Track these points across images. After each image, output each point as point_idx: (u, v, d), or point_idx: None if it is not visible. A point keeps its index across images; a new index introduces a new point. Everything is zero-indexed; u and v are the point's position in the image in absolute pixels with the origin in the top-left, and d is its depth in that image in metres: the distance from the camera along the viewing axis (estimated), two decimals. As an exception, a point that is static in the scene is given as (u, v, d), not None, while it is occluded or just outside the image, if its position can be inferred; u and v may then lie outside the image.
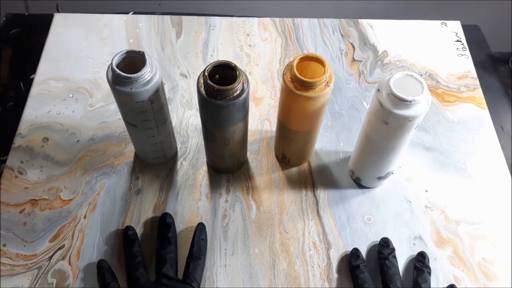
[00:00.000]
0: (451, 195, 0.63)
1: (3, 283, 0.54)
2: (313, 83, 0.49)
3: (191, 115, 0.69)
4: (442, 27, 0.82)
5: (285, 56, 0.76)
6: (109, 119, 0.68)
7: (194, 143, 0.66)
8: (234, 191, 0.62)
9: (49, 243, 0.57)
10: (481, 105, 0.72)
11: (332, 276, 0.56)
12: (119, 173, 0.63)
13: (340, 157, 0.66)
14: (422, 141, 0.68)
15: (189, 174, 0.63)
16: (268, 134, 0.68)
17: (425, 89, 0.48)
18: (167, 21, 0.80)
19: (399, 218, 0.61)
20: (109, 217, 0.59)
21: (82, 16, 0.80)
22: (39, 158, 0.63)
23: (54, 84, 0.71)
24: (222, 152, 0.58)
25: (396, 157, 0.56)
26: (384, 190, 0.63)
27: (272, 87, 0.73)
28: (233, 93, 0.48)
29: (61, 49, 0.75)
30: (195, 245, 0.55)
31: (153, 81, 0.50)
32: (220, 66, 0.50)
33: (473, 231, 0.60)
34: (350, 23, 0.81)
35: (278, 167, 0.65)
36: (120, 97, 0.51)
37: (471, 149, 0.67)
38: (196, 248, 0.55)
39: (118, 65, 0.50)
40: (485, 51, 0.81)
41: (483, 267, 0.57)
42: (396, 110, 0.48)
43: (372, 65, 0.76)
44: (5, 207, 0.59)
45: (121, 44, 0.76)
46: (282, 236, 0.59)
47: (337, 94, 0.72)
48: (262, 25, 0.80)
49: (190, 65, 0.75)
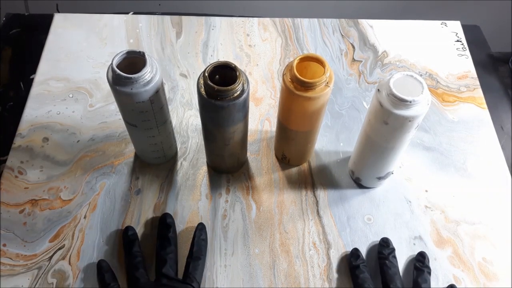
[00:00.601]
0: (451, 195, 0.63)
1: (3, 283, 0.54)
2: (313, 83, 0.49)
3: (191, 115, 0.69)
4: (442, 27, 0.82)
5: (285, 56, 0.76)
6: (109, 119, 0.68)
7: (194, 143, 0.66)
8: (234, 191, 0.62)
9: (49, 243, 0.57)
10: (481, 105, 0.72)
11: (332, 276, 0.56)
12: (119, 173, 0.63)
13: (340, 157, 0.66)
14: (422, 141, 0.68)
15: (189, 174, 0.63)
16: (268, 134, 0.68)
17: (425, 89, 0.48)
18: (167, 21, 0.80)
19: (399, 218, 0.61)
20: (109, 217, 0.59)
21: (82, 16, 0.80)
22: (39, 158, 0.63)
23: (54, 84, 0.71)
24: (222, 152, 0.58)
25: (396, 157, 0.56)
26: (384, 190, 0.63)
27: (272, 87, 0.73)
28: (233, 93, 0.48)
29: (61, 49, 0.75)
30: (195, 245, 0.55)
31: (153, 81, 0.50)
32: (220, 67, 0.50)
33: (473, 231, 0.60)
34: (350, 23, 0.81)
35: (278, 167, 0.65)
36: (120, 97, 0.51)
37: (471, 149, 0.67)
38: (196, 248, 0.55)
39: (118, 65, 0.50)
40: (485, 51, 0.81)
41: (483, 267, 0.57)
42: (396, 110, 0.48)
43: (372, 65, 0.76)
44: (5, 207, 0.59)
45: (121, 44, 0.76)
46: (282, 236, 0.59)
47: (337, 94, 0.72)
48: (262, 25, 0.80)
49: (190, 65, 0.75)
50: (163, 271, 0.52)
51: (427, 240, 0.59)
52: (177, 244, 0.56)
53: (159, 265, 0.53)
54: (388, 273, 0.53)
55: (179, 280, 0.52)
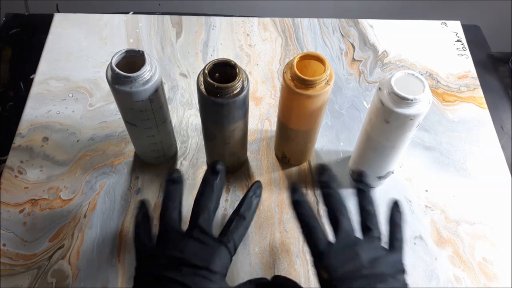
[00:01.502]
0: (451, 195, 0.63)
1: (3, 283, 0.54)
2: (313, 81, 0.49)
3: (191, 114, 0.69)
4: (442, 27, 0.82)
5: (285, 56, 0.76)
6: (109, 119, 0.68)
7: (194, 142, 0.66)
8: (234, 191, 0.62)
9: (49, 243, 0.57)
10: (481, 105, 0.72)
11: (332, 275, 0.56)
12: (119, 172, 0.63)
13: (340, 156, 0.66)
14: (422, 141, 0.68)
15: (189, 174, 0.63)
16: (268, 134, 0.68)
17: (426, 88, 0.48)
18: (167, 21, 0.80)
19: (400, 218, 0.61)
20: (109, 216, 0.59)
21: (82, 16, 0.80)
22: (39, 158, 0.63)
23: (54, 84, 0.71)
24: (222, 151, 0.58)
25: (397, 156, 0.56)
26: (384, 189, 0.63)
27: (272, 87, 0.73)
28: (233, 91, 0.48)
29: (61, 49, 0.75)
30: (245, 202, 0.46)
31: (152, 80, 0.50)
32: (220, 64, 0.50)
33: (473, 231, 0.60)
34: (350, 23, 0.81)
35: (278, 167, 0.65)
36: (119, 96, 0.51)
37: (471, 149, 0.67)
38: (245, 207, 0.46)
39: (117, 64, 0.50)
40: (485, 51, 0.81)
41: (483, 267, 0.57)
42: (397, 108, 0.48)
43: (372, 65, 0.76)
44: (5, 207, 0.59)
45: (121, 44, 0.76)
46: (282, 235, 0.59)
47: (337, 93, 0.72)
48: (262, 25, 0.80)
49: (190, 65, 0.75)
50: (199, 221, 0.44)
51: (427, 239, 0.59)
52: (221, 198, 0.47)
53: (196, 214, 0.45)
54: (332, 203, 0.46)
55: (213, 237, 0.44)
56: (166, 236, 0.44)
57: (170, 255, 0.42)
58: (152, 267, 0.42)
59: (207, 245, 0.43)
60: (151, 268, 0.42)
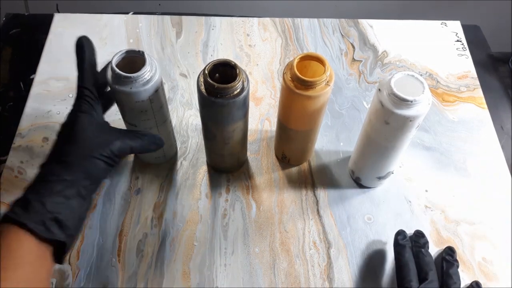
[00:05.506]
0: (451, 195, 0.63)
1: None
2: (313, 82, 0.49)
3: (191, 115, 0.69)
4: (442, 27, 0.82)
5: (285, 56, 0.76)
6: (109, 119, 0.67)
7: (194, 142, 0.66)
8: (234, 191, 0.62)
9: (49, 243, 0.57)
10: (481, 105, 0.72)
11: (333, 275, 0.56)
12: (119, 173, 0.63)
13: (340, 157, 0.66)
14: (422, 141, 0.68)
15: (189, 174, 0.63)
16: (268, 134, 0.68)
17: (426, 89, 0.48)
18: (167, 21, 0.80)
19: (399, 218, 0.61)
20: (109, 216, 0.59)
21: (82, 16, 0.80)
22: (39, 158, 0.63)
23: (54, 84, 0.71)
24: (222, 151, 0.58)
25: (397, 157, 0.56)
26: (384, 190, 0.63)
27: (272, 87, 0.73)
28: (233, 91, 0.48)
29: (61, 49, 0.75)
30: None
31: (152, 80, 0.50)
32: (220, 65, 0.50)
33: (473, 231, 0.60)
34: (350, 23, 0.81)
35: (278, 167, 0.65)
36: (119, 96, 0.51)
37: (471, 149, 0.67)
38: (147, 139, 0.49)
39: (117, 64, 0.50)
40: (485, 51, 0.82)
41: (483, 267, 0.57)
42: (397, 110, 0.48)
43: (372, 65, 0.76)
44: (5, 207, 0.59)
45: (121, 44, 0.76)
46: (282, 235, 0.59)
47: (337, 94, 0.72)
48: (262, 25, 0.80)
49: (190, 65, 0.75)
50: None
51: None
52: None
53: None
54: (424, 260, 0.53)
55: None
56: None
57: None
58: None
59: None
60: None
